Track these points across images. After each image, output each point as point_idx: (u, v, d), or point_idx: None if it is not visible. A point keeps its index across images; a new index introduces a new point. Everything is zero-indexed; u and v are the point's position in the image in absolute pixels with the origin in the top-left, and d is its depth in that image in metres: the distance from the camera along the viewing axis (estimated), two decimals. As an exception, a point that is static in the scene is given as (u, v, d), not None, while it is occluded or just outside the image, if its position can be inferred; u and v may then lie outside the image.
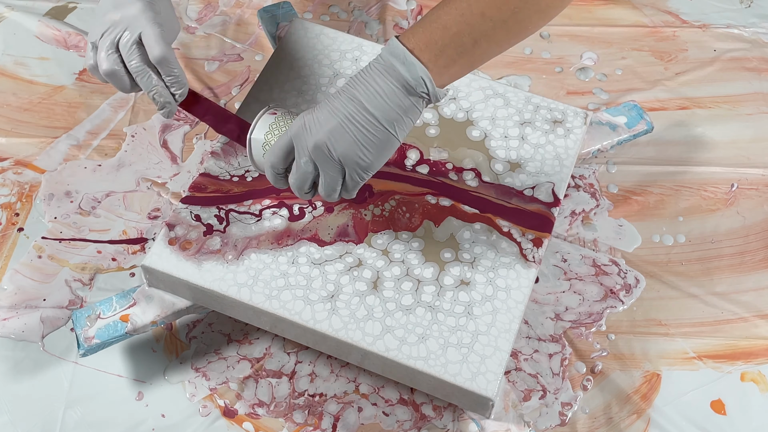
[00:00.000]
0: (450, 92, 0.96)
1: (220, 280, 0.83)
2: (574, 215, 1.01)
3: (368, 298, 0.82)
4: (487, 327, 0.81)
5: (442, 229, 0.87)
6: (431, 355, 0.80)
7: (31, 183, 1.02)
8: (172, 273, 0.83)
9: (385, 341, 0.80)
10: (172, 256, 0.84)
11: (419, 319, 0.81)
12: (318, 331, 0.81)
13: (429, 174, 0.91)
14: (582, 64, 1.16)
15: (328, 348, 0.83)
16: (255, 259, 0.84)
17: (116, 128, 1.07)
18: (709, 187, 1.05)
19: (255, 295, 0.82)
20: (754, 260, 0.99)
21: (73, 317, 0.84)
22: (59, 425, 0.86)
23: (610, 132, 1.00)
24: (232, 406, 0.88)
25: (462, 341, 0.81)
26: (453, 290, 0.83)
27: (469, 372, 0.79)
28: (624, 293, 0.96)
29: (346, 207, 0.88)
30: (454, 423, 0.88)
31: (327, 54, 0.98)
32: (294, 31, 1.00)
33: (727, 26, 1.20)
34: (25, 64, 1.13)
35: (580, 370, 0.91)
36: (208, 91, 1.10)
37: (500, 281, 0.84)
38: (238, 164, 0.90)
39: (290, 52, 0.98)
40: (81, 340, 0.83)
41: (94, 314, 0.85)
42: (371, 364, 0.83)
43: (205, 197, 0.88)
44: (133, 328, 0.84)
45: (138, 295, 0.86)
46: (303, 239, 0.86)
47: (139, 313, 0.85)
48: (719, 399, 0.90)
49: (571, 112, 0.96)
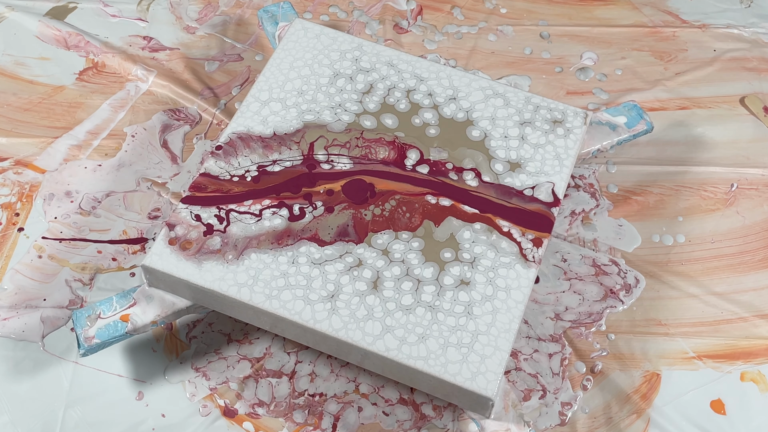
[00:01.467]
0: (450, 92, 0.96)
1: (220, 279, 0.83)
2: (574, 215, 1.01)
3: (368, 298, 0.83)
4: (487, 327, 0.82)
5: (442, 229, 0.87)
6: (431, 354, 0.80)
7: (32, 183, 1.02)
8: (172, 273, 0.83)
9: (385, 341, 0.80)
10: (172, 256, 0.84)
11: (419, 319, 0.82)
12: (318, 331, 0.81)
13: (429, 174, 0.91)
14: (582, 64, 1.16)
15: (328, 348, 0.83)
16: (255, 258, 0.84)
17: (116, 128, 1.07)
18: (709, 187, 1.05)
19: (255, 295, 0.82)
20: (753, 260, 0.99)
21: (74, 317, 0.85)
22: (59, 425, 0.87)
23: (610, 132, 1.00)
24: (232, 405, 0.88)
25: (462, 341, 0.81)
26: (453, 290, 0.83)
27: (468, 372, 0.79)
28: (624, 293, 0.96)
29: (347, 207, 0.88)
30: (454, 423, 0.88)
31: (327, 54, 0.99)
32: (294, 31, 1.00)
33: (727, 26, 1.20)
34: (26, 64, 1.13)
35: (580, 370, 0.91)
36: (208, 91, 1.10)
37: (500, 281, 0.84)
38: (238, 164, 0.90)
39: (290, 52, 0.98)
40: (81, 340, 0.83)
41: (95, 314, 0.85)
42: (371, 364, 0.83)
43: (205, 197, 0.88)
44: (133, 328, 0.84)
45: (138, 295, 0.86)
46: (303, 239, 0.86)
47: (139, 313, 0.85)
48: (719, 399, 0.90)
49: (570, 112, 0.96)
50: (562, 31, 1.19)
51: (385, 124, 0.94)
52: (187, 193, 0.88)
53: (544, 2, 1.22)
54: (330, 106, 0.95)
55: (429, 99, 0.96)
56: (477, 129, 0.94)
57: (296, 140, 0.92)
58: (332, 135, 0.93)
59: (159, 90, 1.11)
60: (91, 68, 1.12)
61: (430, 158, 0.92)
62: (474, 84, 0.97)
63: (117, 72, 1.12)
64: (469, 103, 0.96)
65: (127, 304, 0.85)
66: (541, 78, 1.14)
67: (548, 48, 1.17)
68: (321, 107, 0.95)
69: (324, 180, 0.89)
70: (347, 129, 0.93)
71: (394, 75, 0.98)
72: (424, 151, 0.92)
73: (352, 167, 0.90)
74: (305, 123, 0.93)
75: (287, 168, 0.90)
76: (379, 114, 0.95)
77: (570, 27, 1.19)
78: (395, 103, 0.96)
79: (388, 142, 0.93)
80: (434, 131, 0.94)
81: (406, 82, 0.97)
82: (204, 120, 1.08)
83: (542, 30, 1.19)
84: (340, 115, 0.94)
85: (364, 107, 0.95)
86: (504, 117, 0.95)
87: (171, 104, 1.09)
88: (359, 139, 0.93)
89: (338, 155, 0.91)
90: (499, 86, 0.97)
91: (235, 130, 0.93)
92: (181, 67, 1.13)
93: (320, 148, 0.91)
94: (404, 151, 0.92)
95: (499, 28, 1.19)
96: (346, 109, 0.95)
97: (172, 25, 1.18)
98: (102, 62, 1.13)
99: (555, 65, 1.15)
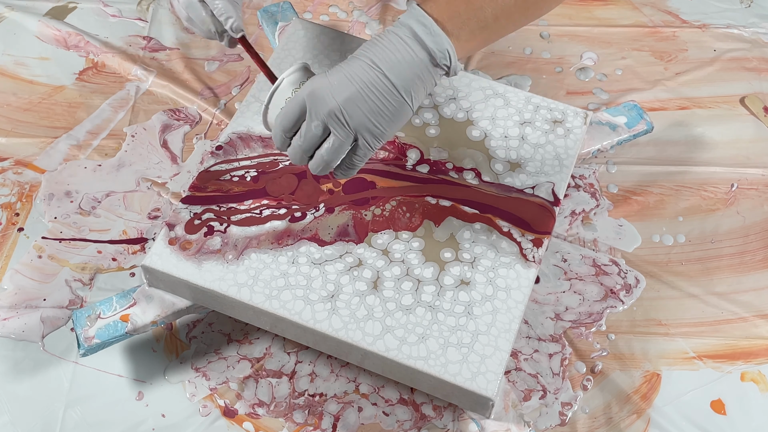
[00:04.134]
0: (450, 92, 0.96)
1: (220, 279, 0.83)
2: (574, 215, 1.01)
3: (368, 298, 0.82)
4: (487, 327, 0.81)
5: (442, 229, 0.87)
6: (431, 355, 0.80)
7: (31, 183, 1.02)
8: (172, 273, 0.83)
9: (385, 341, 0.80)
10: (172, 256, 0.84)
11: (419, 319, 0.81)
12: (318, 331, 0.81)
13: (429, 173, 0.91)
14: (582, 64, 1.16)
15: (328, 348, 0.83)
16: (255, 258, 0.84)
17: (116, 128, 1.07)
18: (709, 187, 1.05)
19: (255, 295, 0.82)
20: (753, 260, 0.99)
21: (74, 317, 0.84)
22: (59, 425, 0.86)
23: (610, 132, 1.00)
24: (232, 406, 0.88)
25: (462, 341, 0.81)
26: (453, 290, 0.83)
27: (469, 372, 0.79)
28: (624, 293, 0.96)
29: (347, 207, 0.88)
30: (454, 423, 0.88)
31: (327, 54, 0.98)
32: (294, 31, 1.00)
33: (727, 26, 1.20)
34: (25, 64, 1.13)
35: (580, 370, 0.91)
36: (208, 91, 1.10)
37: (500, 281, 0.84)
38: (238, 164, 0.90)
39: (290, 52, 0.98)
40: (81, 340, 0.83)
41: (95, 314, 0.85)
42: (371, 364, 0.83)
43: (205, 197, 0.88)
44: (133, 328, 0.84)
45: (138, 295, 0.86)
46: (303, 239, 0.86)
47: (139, 313, 0.85)
48: (719, 399, 0.90)
49: (571, 112, 0.96)
50: (562, 31, 1.19)
51: None
52: (187, 193, 0.88)
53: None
54: None
55: (429, 99, 0.96)
56: (477, 129, 0.94)
57: None
58: None
59: (159, 90, 1.11)
60: (91, 68, 1.12)
61: (430, 158, 0.92)
62: (474, 84, 0.97)
63: (117, 72, 1.12)
64: (469, 103, 0.96)
65: (127, 304, 0.85)
66: (541, 78, 1.14)
67: (548, 48, 1.17)
68: None
69: (325, 179, 0.89)
70: None
71: None
72: (424, 151, 0.92)
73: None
74: None
75: (287, 167, 0.90)
76: None
77: (570, 27, 1.19)
78: None
79: (388, 142, 0.93)
80: (434, 131, 0.94)
81: None
82: (204, 120, 1.08)
83: (542, 30, 1.19)
84: None
85: None
86: (504, 117, 0.95)
87: (171, 104, 1.09)
88: None
89: None
90: (499, 86, 0.97)
91: (235, 129, 0.93)
92: (181, 67, 1.13)
93: None
94: (404, 151, 0.92)
95: (499, 28, 1.19)
96: None
97: (172, 25, 1.18)
98: (102, 62, 1.13)
99: (555, 65, 1.15)
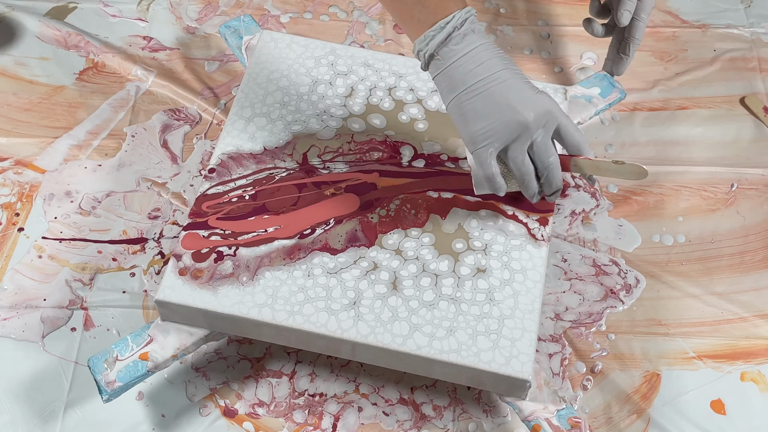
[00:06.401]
0: (431, 84, 0.96)
1: (239, 303, 0.81)
2: (574, 215, 1.01)
3: (390, 300, 0.82)
4: (511, 310, 0.81)
5: (449, 220, 0.87)
6: (462, 346, 0.79)
7: (32, 183, 1.02)
8: (188, 303, 0.81)
9: (415, 339, 0.79)
10: (185, 287, 0.82)
11: (444, 313, 0.81)
12: (347, 340, 0.79)
13: (426, 167, 0.91)
14: (582, 64, 1.16)
15: (360, 356, 0.82)
16: (270, 277, 0.83)
17: (116, 128, 1.07)
18: (709, 187, 1.05)
19: (277, 314, 0.80)
20: (753, 260, 0.99)
21: (90, 364, 0.81)
22: (59, 425, 0.86)
23: (587, 104, 1.00)
24: (232, 406, 0.88)
25: (489, 328, 0.80)
26: (471, 279, 0.83)
27: (502, 357, 0.79)
28: (624, 293, 0.96)
29: (352, 216, 0.87)
30: (454, 423, 0.88)
31: (302, 62, 0.98)
32: (264, 44, 0.99)
33: (727, 26, 1.20)
34: (25, 64, 1.13)
35: (580, 370, 0.91)
36: (208, 91, 1.10)
37: (515, 264, 0.84)
38: (234, 184, 0.89)
39: (265, 65, 0.97)
40: (102, 386, 0.80)
41: (112, 357, 0.81)
42: (404, 364, 0.81)
43: (207, 222, 0.86)
44: (154, 365, 0.81)
45: (153, 331, 0.83)
46: (315, 250, 0.84)
47: (158, 349, 0.82)
48: (719, 399, 0.90)
49: (550, 89, 0.97)
50: (562, 31, 1.19)
51: (373, 124, 0.94)
52: (188, 221, 0.86)
53: (544, 2, 1.22)
54: (315, 113, 0.94)
55: (411, 94, 0.96)
56: None
57: (288, 152, 0.91)
58: (323, 143, 0.92)
59: (159, 90, 1.11)
60: (91, 68, 1.12)
61: (424, 152, 0.92)
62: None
63: (117, 72, 1.12)
64: None
65: (143, 342, 0.82)
66: (541, 78, 1.14)
67: (548, 48, 1.17)
68: (306, 116, 0.94)
69: (327, 187, 0.89)
70: (337, 134, 0.93)
71: (373, 75, 0.97)
72: (416, 147, 0.92)
73: (350, 171, 0.90)
74: (294, 134, 0.93)
75: (284, 178, 0.89)
76: (365, 115, 0.95)
77: (570, 27, 1.19)
78: (379, 103, 0.96)
79: (380, 142, 0.93)
80: (423, 126, 0.94)
81: (386, 80, 0.97)
82: (204, 120, 1.08)
83: (542, 30, 1.19)
84: (327, 122, 0.94)
85: (350, 110, 0.95)
86: None
87: (171, 104, 1.09)
88: (351, 143, 0.92)
89: (333, 161, 0.91)
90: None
91: (224, 150, 0.91)
92: (181, 67, 1.13)
93: (314, 157, 0.91)
94: (397, 149, 0.92)
95: (499, 28, 1.19)
96: (332, 114, 0.94)
97: (172, 25, 1.18)
98: (102, 62, 1.13)
99: (555, 65, 1.15)
